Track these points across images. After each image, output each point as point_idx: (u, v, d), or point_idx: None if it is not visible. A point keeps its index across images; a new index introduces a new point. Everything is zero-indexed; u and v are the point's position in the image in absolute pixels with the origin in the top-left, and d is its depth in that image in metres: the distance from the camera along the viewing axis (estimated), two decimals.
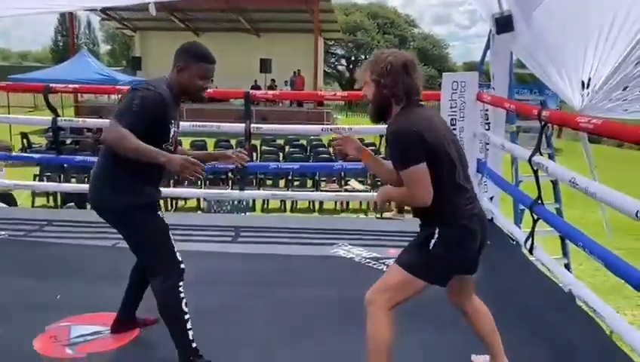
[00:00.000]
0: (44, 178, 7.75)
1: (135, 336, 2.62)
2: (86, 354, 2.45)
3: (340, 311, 2.96)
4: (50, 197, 7.38)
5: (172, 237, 2.34)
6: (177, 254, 2.32)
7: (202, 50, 2.34)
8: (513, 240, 4.16)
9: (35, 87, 5.25)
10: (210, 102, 20.77)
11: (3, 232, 4.20)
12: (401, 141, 1.98)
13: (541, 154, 3.26)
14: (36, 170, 8.19)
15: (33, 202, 7.41)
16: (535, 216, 3.28)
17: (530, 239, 3.36)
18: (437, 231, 2.01)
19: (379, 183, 8.61)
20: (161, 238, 2.31)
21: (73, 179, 7.53)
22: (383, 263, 3.72)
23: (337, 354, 2.54)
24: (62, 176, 7.50)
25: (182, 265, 2.31)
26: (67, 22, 29.75)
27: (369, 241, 4.24)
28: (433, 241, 2.01)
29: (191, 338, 2.27)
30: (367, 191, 8.00)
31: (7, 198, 5.71)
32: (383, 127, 6.36)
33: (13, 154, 6.44)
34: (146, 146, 2.09)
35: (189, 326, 2.26)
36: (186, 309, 2.26)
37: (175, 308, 2.26)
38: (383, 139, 7.32)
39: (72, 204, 6.33)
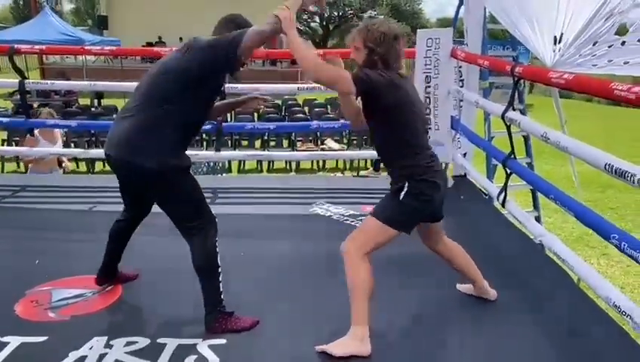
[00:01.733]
0: (13, 142, 7.57)
1: (118, 298, 2.65)
2: (70, 317, 2.47)
3: (318, 265, 3.03)
4: (20, 163, 7.22)
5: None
6: (214, 213, 2.44)
7: (246, 21, 2.46)
8: (486, 195, 4.28)
9: (1, 49, 5.05)
10: None
11: None
12: (374, 78, 2.19)
13: (514, 110, 3.32)
14: (4, 134, 7.98)
15: (3, 167, 7.25)
16: (508, 171, 3.36)
17: (503, 193, 3.45)
18: (406, 184, 2.24)
19: (354, 142, 8.66)
20: (198, 196, 2.37)
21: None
22: (360, 220, 3.79)
23: (318, 304, 2.60)
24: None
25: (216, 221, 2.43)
26: None
27: (346, 199, 4.30)
28: (403, 193, 2.24)
29: (221, 290, 2.36)
30: (342, 150, 8.04)
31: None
32: None
33: None
34: None
35: (221, 279, 2.36)
36: (220, 263, 2.36)
37: (214, 264, 2.34)
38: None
39: None
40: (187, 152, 2.43)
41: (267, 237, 3.48)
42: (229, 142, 8.48)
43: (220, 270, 2.36)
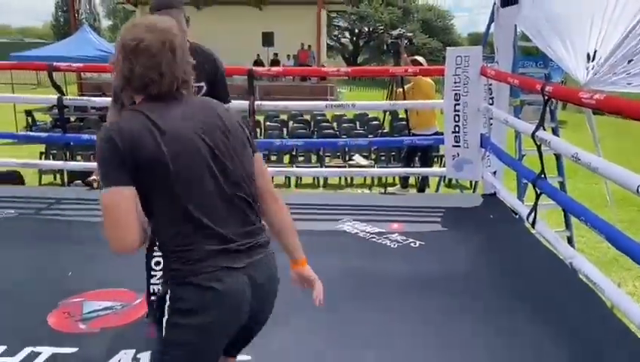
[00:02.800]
0: (50, 156, 7.80)
1: (146, 311, 2.69)
2: (99, 329, 2.52)
3: (343, 282, 3.03)
4: (57, 175, 7.43)
5: None
6: None
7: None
8: (516, 214, 4.21)
9: (39, 66, 5.24)
10: None
11: (12, 210, 4.27)
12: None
13: (544, 129, 3.27)
14: (42, 147, 8.22)
15: (40, 180, 7.47)
16: (538, 191, 3.31)
17: (533, 213, 3.39)
18: (169, 287, 1.47)
19: (382, 158, 8.64)
20: None
21: (79, 157, 7.58)
22: (387, 238, 3.78)
23: (341, 321, 2.60)
24: (67, 153, 7.54)
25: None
26: None
27: (373, 216, 4.29)
28: (166, 307, 1.46)
29: (151, 291, 2.35)
30: (371, 166, 8.03)
31: (15, 176, 5.77)
32: (384, 103, 6.31)
33: (20, 133, 6.48)
34: None
35: (152, 281, 2.34)
36: (155, 267, 2.31)
37: (147, 265, 2.33)
38: (387, 113, 7.35)
39: (79, 181, 6.38)
40: None
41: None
42: None
43: (152, 273, 2.33)
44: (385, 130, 8.33)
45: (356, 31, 44.11)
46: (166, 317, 1.43)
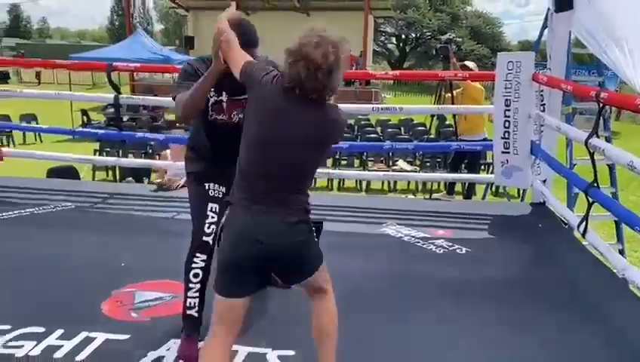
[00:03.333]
0: (104, 153, 8.11)
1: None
2: (150, 318, 2.62)
3: (384, 287, 3.04)
4: (110, 172, 7.72)
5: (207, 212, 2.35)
6: (206, 228, 2.33)
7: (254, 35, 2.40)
8: (565, 224, 4.11)
9: (99, 66, 5.50)
10: None
11: (70, 203, 4.48)
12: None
13: (598, 137, 3.19)
14: (96, 145, 8.56)
15: (94, 176, 7.78)
16: (590, 200, 3.23)
17: (584, 223, 3.31)
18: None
19: (427, 164, 8.56)
20: (193, 205, 2.42)
21: (131, 155, 7.86)
22: (432, 243, 3.76)
23: (385, 327, 2.61)
24: (120, 151, 7.84)
25: (205, 239, 2.33)
26: (123, 1, 30.49)
27: (418, 221, 4.27)
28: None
29: (187, 305, 2.32)
30: (415, 172, 7.97)
31: (72, 171, 6.03)
32: (432, 108, 6.28)
33: (78, 129, 6.76)
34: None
35: (189, 294, 2.31)
36: (193, 279, 2.31)
37: (186, 274, 2.33)
38: (434, 118, 7.29)
39: (131, 178, 6.62)
40: None
41: (336, 254, 3.51)
42: None
43: (190, 285, 2.31)
44: (431, 136, 8.25)
45: (403, 37, 43.90)
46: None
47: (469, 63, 6.09)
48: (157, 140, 6.34)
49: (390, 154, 8.68)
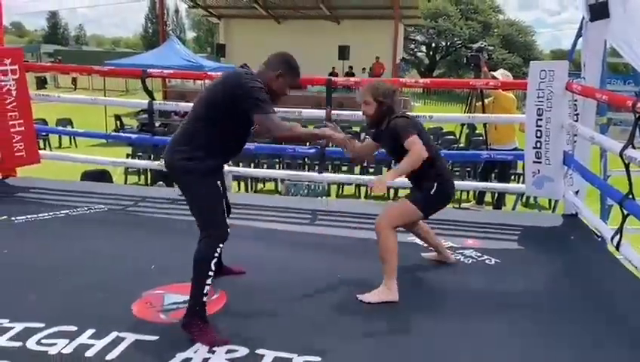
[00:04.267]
0: (137, 157, 8.28)
1: (223, 306, 2.81)
2: (178, 320, 2.65)
3: (413, 296, 3.02)
4: (142, 176, 7.87)
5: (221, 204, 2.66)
6: (225, 221, 2.64)
7: (297, 66, 2.80)
8: (599, 237, 4.01)
9: (134, 72, 5.65)
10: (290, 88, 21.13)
11: (103, 206, 4.58)
12: (403, 125, 2.97)
13: (634, 148, 3.12)
14: (128, 150, 8.75)
15: (126, 180, 7.95)
16: (625, 212, 3.15)
17: (618, 235, 3.23)
18: (435, 183, 3.03)
19: (457, 173, 8.48)
20: (209, 203, 2.62)
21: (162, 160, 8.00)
22: (461, 253, 3.71)
23: (411, 336, 2.59)
24: (152, 156, 7.98)
25: (228, 231, 2.62)
26: (157, 9, 31.20)
27: (446, 231, 4.22)
28: (433, 190, 3.03)
29: (205, 292, 2.51)
30: None
31: (105, 175, 6.18)
32: (463, 116, 6.20)
33: (111, 133, 6.92)
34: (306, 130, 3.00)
35: (208, 282, 2.52)
36: (213, 268, 2.53)
37: (206, 263, 2.51)
38: (464, 127, 7.23)
39: (162, 182, 6.73)
40: (290, 172, 2.67)
41: (365, 264, 3.51)
42: (329, 166, 8.64)
43: (210, 273, 2.51)
44: (461, 145, 8.17)
45: (433, 45, 43.63)
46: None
47: (498, 74, 6.01)
48: None
49: None
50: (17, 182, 5.37)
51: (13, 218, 4.13)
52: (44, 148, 10.51)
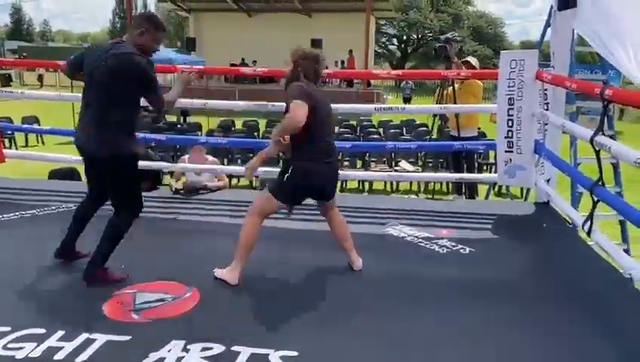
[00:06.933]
0: None
1: (196, 304, 2.75)
2: (151, 320, 2.59)
3: (388, 287, 3.02)
4: None
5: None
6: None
7: (159, 21, 2.99)
8: (570, 224, 4.07)
9: None
10: (262, 82, 21.04)
11: (71, 204, 4.44)
12: (296, 90, 2.89)
13: (604, 135, 3.16)
14: None
15: None
16: (595, 198, 3.19)
17: (589, 222, 3.27)
18: (291, 168, 2.96)
19: (430, 164, 8.54)
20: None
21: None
22: (436, 243, 3.73)
23: (386, 327, 2.58)
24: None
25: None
26: (124, 4, 30.57)
27: (421, 221, 4.24)
28: (287, 174, 2.96)
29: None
30: (417, 172, 7.94)
31: (73, 173, 6.01)
32: (434, 107, 6.23)
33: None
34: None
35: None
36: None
37: (120, 234, 2.99)
38: (437, 118, 7.25)
39: None
40: (264, 169, 2.88)
41: (339, 254, 3.50)
42: None
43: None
44: (433, 137, 8.22)
45: (404, 38, 43.89)
46: None
47: (472, 59, 6.06)
48: (158, 141, 6.32)
49: (392, 154, 8.66)
50: None
51: None
52: (10, 148, 10.21)
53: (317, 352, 2.33)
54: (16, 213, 4.16)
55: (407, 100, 22.80)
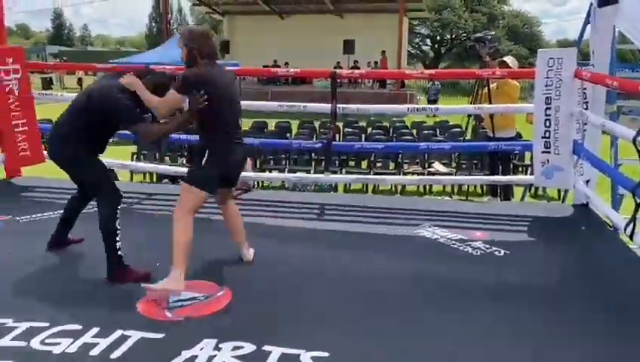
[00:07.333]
0: (142, 156, 8.25)
1: (228, 303, 2.77)
2: (184, 317, 2.62)
3: (420, 289, 2.97)
4: (147, 174, 7.85)
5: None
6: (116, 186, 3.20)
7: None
8: (611, 226, 3.94)
9: (137, 68, 5.60)
10: (294, 84, 21.13)
11: None
12: (185, 76, 2.92)
13: None
14: (134, 148, 8.72)
15: (132, 177, 7.93)
16: (638, 200, 3.07)
17: (632, 224, 3.15)
18: (207, 151, 2.93)
19: (464, 165, 8.40)
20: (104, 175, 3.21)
21: (167, 157, 7.98)
22: (469, 245, 3.66)
23: (418, 329, 2.54)
24: (157, 154, 7.96)
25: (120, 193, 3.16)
26: (161, 8, 31.19)
27: (454, 223, 4.17)
28: (204, 159, 2.94)
29: (118, 248, 3.03)
30: (451, 174, 7.82)
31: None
32: (469, 107, 6.12)
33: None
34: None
35: (118, 238, 3.03)
36: (119, 227, 3.04)
37: (110, 226, 3.02)
38: (471, 119, 7.14)
39: (167, 180, 6.71)
40: (296, 175, 2.70)
41: (370, 256, 3.47)
42: (336, 161, 8.57)
43: (118, 232, 3.03)
44: (467, 138, 8.09)
45: (438, 38, 43.42)
46: None
47: (508, 59, 5.93)
48: (190, 142, 6.41)
49: (426, 155, 8.55)
50: (22, 182, 5.35)
51: (17, 218, 4.11)
52: None
53: (347, 354, 2.31)
54: (55, 212, 4.26)
55: (432, 103, 22.53)
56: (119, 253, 3.03)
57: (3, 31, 5.41)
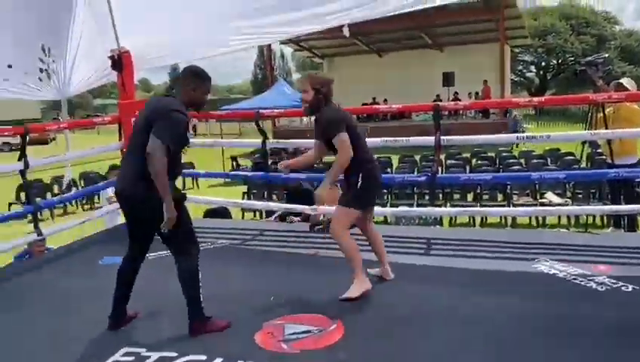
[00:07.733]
0: (252, 195, 8.69)
1: (341, 337, 2.81)
2: (300, 351, 2.70)
3: (546, 330, 2.81)
4: (257, 212, 8.22)
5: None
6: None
7: (204, 72, 3.04)
8: None
9: (248, 114, 6.02)
10: (393, 119, 21.19)
11: (224, 240, 4.83)
12: (332, 119, 3.26)
13: None
14: (244, 188, 9.20)
15: (243, 215, 8.35)
16: None
17: None
18: (360, 175, 3.27)
19: (580, 196, 7.89)
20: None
21: (274, 195, 8.33)
22: (593, 280, 3.42)
23: None
24: (265, 192, 8.34)
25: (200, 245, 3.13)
26: (264, 55, 32.98)
27: (574, 257, 3.92)
28: (359, 183, 3.27)
29: (202, 300, 2.95)
30: (566, 205, 7.37)
31: (224, 212, 6.54)
32: (584, 133, 5.76)
33: (229, 172, 7.34)
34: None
35: (201, 291, 2.96)
36: (199, 278, 2.98)
37: (195, 277, 2.97)
38: (586, 146, 6.73)
39: (271, 218, 6.99)
40: (401, 209, 2.67)
41: (481, 295, 3.35)
42: (440, 194, 8.39)
43: (199, 284, 2.97)
44: (582, 166, 7.63)
45: (543, 64, 41.65)
46: None
47: (625, 80, 5.56)
48: (300, 180, 6.65)
49: (537, 186, 8.14)
50: None
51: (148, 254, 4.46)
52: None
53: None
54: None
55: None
56: (202, 305, 2.96)
57: (133, 86, 6.03)
